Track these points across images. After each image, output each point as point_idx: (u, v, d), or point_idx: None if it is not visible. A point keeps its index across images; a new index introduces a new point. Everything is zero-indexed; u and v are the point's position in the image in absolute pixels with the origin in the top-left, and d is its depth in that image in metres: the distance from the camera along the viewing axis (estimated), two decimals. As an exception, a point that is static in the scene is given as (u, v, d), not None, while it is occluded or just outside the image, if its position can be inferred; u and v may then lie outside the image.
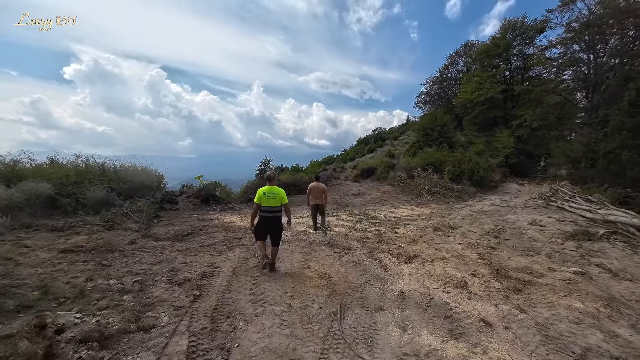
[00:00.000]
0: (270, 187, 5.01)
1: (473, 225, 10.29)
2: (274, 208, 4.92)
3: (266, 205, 4.87)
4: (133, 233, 6.71)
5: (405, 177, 17.44)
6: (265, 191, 4.92)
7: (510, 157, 19.49)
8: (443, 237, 8.21)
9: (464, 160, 17.29)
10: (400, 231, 8.58)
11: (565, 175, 18.88)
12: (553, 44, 19.21)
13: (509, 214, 12.64)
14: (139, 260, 4.98)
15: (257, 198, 4.93)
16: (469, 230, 9.39)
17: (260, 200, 4.88)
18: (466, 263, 5.74)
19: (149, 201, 8.36)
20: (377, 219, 10.60)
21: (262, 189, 4.99)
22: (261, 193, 4.92)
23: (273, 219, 4.93)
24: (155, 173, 11.90)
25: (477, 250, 6.97)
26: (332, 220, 9.83)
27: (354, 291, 4.24)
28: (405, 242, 7.36)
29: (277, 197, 4.94)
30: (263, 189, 4.98)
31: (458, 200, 15.16)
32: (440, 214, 12.20)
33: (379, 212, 12.12)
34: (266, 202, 4.86)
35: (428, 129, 20.88)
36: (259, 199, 4.91)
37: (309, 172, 26.09)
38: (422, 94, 28.42)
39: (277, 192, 4.98)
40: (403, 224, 9.69)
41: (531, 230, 9.72)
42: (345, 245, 6.59)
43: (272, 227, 4.94)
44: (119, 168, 9.59)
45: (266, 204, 4.87)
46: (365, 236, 7.65)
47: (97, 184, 8.18)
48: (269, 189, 4.96)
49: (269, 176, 5.25)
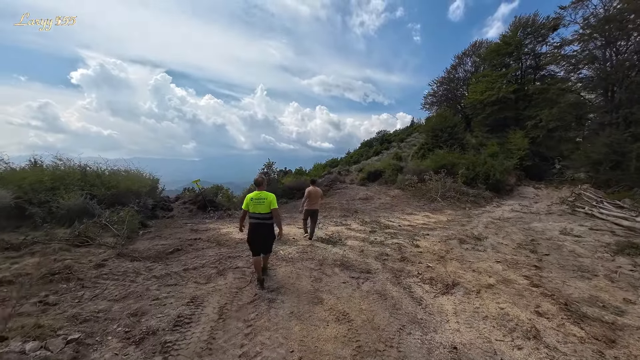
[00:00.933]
0: (259, 192, 4.54)
1: (500, 235, 8.95)
2: (263, 215, 4.44)
3: (254, 211, 4.43)
4: (107, 250, 5.44)
5: (416, 180, 16.09)
6: (253, 197, 4.46)
7: (525, 160, 18.06)
8: (473, 252, 6.88)
9: (478, 162, 15.91)
10: (422, 244, 7.27)
11: (584, 179, 17.43)
12: (570, 40, 17.84)
13: (534, 221, 11.27)
14: (99, 294, 3.71)
15: (245, 204, 4.53)
16: (498, 242, 8.05)
17: (248, 207, 4.46)
18: (520, 293, 4.39)
19: (133, 210, 7.10)
20: (391, 228, 9.28)
21: (250, 195, 4.53)
22: (248, 199, 4.47)
23: (262, 227, 4.46)
24: (148, 177, 10.68)
25: (521, 270, 5.63)
26: (341, 230, 8.52)
27: (388, 346, 2.92)
28: (432, 259, 6.04)
29: (266, 202, 4.43)
30: (250, 195, 4.51)
31: (474, 206, 13.79)
32: (459, 222, 10.87)
33: (391, 219, 10.80)
34: (254, 208, 4.42)
35: (437, 130, 19.54)
36: (246, 205, 4.50)
37: (312, 175, 24.89)
38: (429, 95, 27.12)
39: (266, 197, 4.47)
40: (422, 235, 8.36)
41: (567, 242, 8.38)
42: (362, 266, 5.27)
43: (262, 235, 4.48)
44: (103, 171, 8.36)
45: (254, 210, 4.42)
46: (383, 252, 6.34)
47: (74, 190, 6.95)
48: (256, 194, 4.49)
49: (257, 181, 4.70)
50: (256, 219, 4.42)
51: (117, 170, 9.09)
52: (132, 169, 11.00)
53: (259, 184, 4.60)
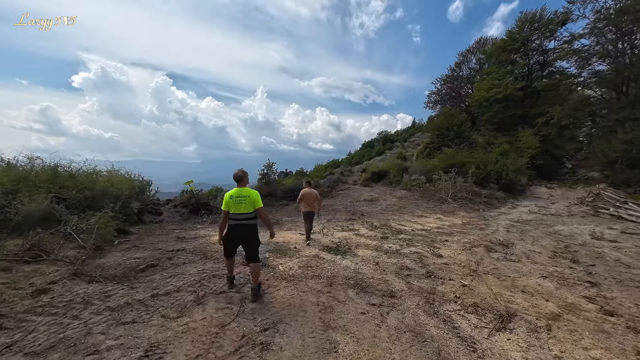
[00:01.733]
0: (239, 189, 3.77)
1: (527, 241, 7.78)
2: (245, 215, 3.72)
3: (235, 212, 3.70)
4: (64, 267, 4.26)
5: (424, 180, 14.90)
6: (233, 195, 3.73)
7: (536, 159, 16.87)
8: (507, 262, 5.70)
9: (489, 161, 14.73)
10: (445, 253, 6.08)
11: (599, 178, 16.25)
12: (581, 34, 16.71)
13: (557, 224, 10.09)
14: (18, 341, 2.52)
15: (224, 204, 3.78)
16: (529, 249, 6.87)
17: (229, 207, 3.72)
18: (600, 328, 3.20)
19: (107, 215, 5.91)
20: (404, 233, 8.10)
21: (229, 193, 3.78)
22: (228, 197, 3.75)
23: (244, 228, 3.73)
24: (138, 178, 9.51)
25: (577, 289, 4.44)
26: (350, 236, 7.33)
27: None
28: (464, 274, 4.85)
29: (248, 200, 3.70)
30: (230, 193, 3.77)
31: (488, 207, 12.59)
32: (476, 225, 9.69)
33: (402, 223, 9.61)
34: (235, 207, 3.68)
35: (443, 129, 18.37)
36: (226, 204, 3.75)
37: (314, 176, 23.73)
38: (433, 93, 25.99)
39: (248, 194, 3.75)
40: (441, 242, 7.18)
41: (606, 249, 7.21)
42: (382, 286, 4.08)
43: (243, 237, 3.75)
44: (78, 172, 7.16)
45: (235, 211, 3.69)
46: (403, 265, 5.15)
47: (39, 193, 5.77)
48: (237, 191, 3.74)
49: (236, 176, 3.86)
50: (237, 220, 3.69)
51: (97, 170, 7.90)
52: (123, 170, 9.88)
53: (240, 179, 3.80)
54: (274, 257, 5.21)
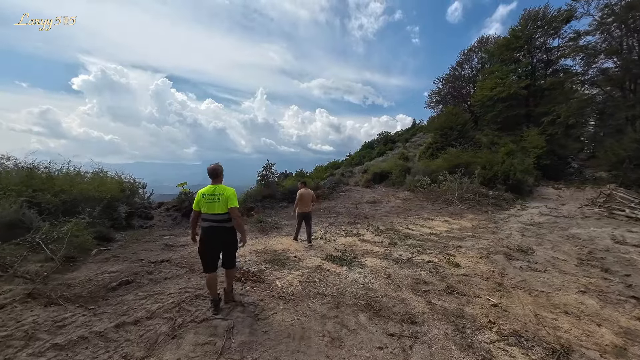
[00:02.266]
0: (214, 186, 3.28)
1: (546, 246, 7.09)
2: (219, 216, 3.21)
3: (208, 212, 3.21)
4: (22, 285, 3.54)
5: (429, 181, 14.20)
6: (205, 192, 3.23)
7: (542, 158, 16.18)
8: (533, 273, 5.00)
9: (496, 161, 14.04)
10: (461, 262, 5.38)
11: (608, 178, 15.56)
12: (588, 31, 16.09)
13: (572, 227, 9.39)
14: None
15: (195, 203, 3.29)
16: (551, 256, 6.18)
17: (201, 206, 3.23)
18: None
19: (83, 221, 5.19)
20: (412, 237, 7.40)
21: (202, 191, 3.28)
22: (199, 196, 3.25)
23: (219, 231, 3.23)
24: (122, 180, 8.80)
25: (624, 307, 3.75)
26: (355, 242, 6.62)
27: None
28: (489, 288, 4.14)
29: (221, 199, 3.19)
30: (202, 190, 3.28)
31: (496, 209, 11.88)
32: (487, 228, 8.99)
33: (409, 226, 8.91)
34: (207, 207, 3.20)
35: (446, 129, 17.68)
36: (197, 204, 3.27)
37: (314, 177, 23.04)
38: (434, 93, 25.31)
39: (221, 192, 3.23)
40: (453, 248, 6.48)
41: (634, 254, 6.54)
42: (399, 307, 3.36)
43: (220, 241, 3.27)
44: (56, 173, 6.44)
45: (208, 211, 3.20)
46: (418, 277, 4.44)
47: (7, 197, 5.06)
48: (210, 189, 3.25)
49: (212, 171, 3.33)
50: (210, 222, 3.18)
51: (82, 172, 7.18)
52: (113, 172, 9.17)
53: (216, 175, 3.29)
54: (271, 269, 4.50)
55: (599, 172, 16.86)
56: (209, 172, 3.33)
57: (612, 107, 15.45)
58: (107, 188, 6.76)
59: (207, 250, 3.21)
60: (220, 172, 3.34)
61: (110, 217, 7.28)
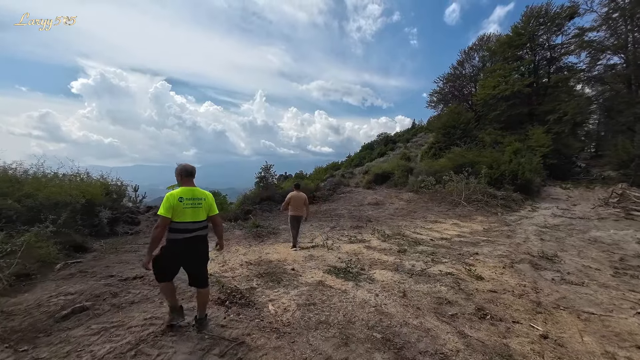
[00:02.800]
0: (192, 189, 2.57)
1: (570, 252, 6.39)
2: (202, 223, 2.58)
3: (189, 220, 2.46)
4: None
5: (433, 182, 13.44)
6: (184, 196, 2.47)
7: (549, 157, 15.43)
8: (570, 287, 4.24)
9: (503, 161, 13.29)
10: (485, 274, 4.61)
11: (617, 177, 14.82)
12: (593, 27, 15.42)
13: (591, 229, 8.64)
14: None
15: (167, 209, 2.39)
16: (582, 265, 5.44)
17: (175, 213, 2.41)
18: None
19: (47, 230, 4.41)
20: (422, 243, 6.64)
21: (177, 193, 2.47)
22: (175, 200, 2.42)
23: (197, 241, 2.54)
24: (108, 183, 8.03)
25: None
26: (360, 250, 5.85)
27: None
28: (527, 311, 3.38)
29: (204, 204, 2.59)
30: (178, 193, 2.48)
31: (506, 210, 11.12)
32: (500, 231, 8.25)
33: (417, 230, 8.15)
34: (189, 214, 2.46)
35: (450, 128, 16.95)
36: (170, 209, 2.39)
37: (313, 178, 22.30)
38: (435, 93, 24.60)
39: (203, 196, 2.61)
40: (471, 256, 5.71)
41: (671, 261, 5.76)
42: (424, 341, 2.59)
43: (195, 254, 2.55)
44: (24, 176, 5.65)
45: (188, 219, 2.45)
46: (439, 295, 3.67)
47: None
48: (188, 192, 2.52)
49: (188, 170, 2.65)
50: (190, 232, 2.49)
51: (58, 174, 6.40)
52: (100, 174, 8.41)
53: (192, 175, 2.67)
54: (264, 287, 3.72)
55: (607, 171, 16.13)
56: (184, 171, 2.64)
57: (621, 104, 14.74)
58: (85, 191, 5.97)
59: (174, 262, 2.54)
60: (195, 172, 2.69)
61: (91, 223, 6.51)
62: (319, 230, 8.08)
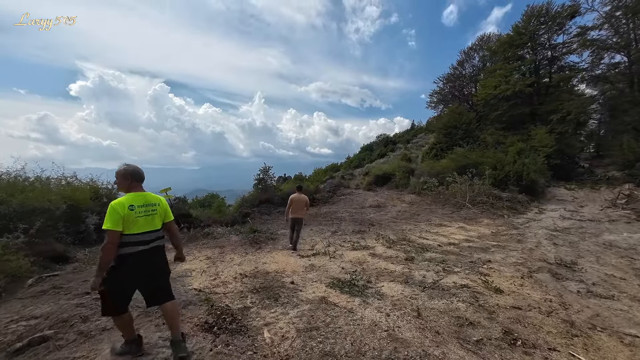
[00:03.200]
0: (141, 194, 2.16)
1: (588, 258, 5.92)
2: (156, 233, 2.19)
3: (144, 230, 2.08)
4: None
5: (436, 183, 13.00)
6: (135, 203, 2.06)
7: (552, 158, 15.02)
8: (600, 301, 3.79)
9: (507, 161, 12.87)
10: (504, 286, 4.16)
11: (622, 177, 14.42)
12: (595, 25, 15.08)
13: (603, 232, 8.21)
14: None
15: (115, 220, 1.94)
16: (605, 273, 4.98)
17: (126, 224, 1.99)
18: None
19: (17, 240, 3.92)
20: (430, 250, 6.17)
21: (125, 201, 2.03)
22: (125, 209, 1.99)
23: (155, 253, 2.17)
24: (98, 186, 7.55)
25: None
26: (365, 258, 5.37)
27: None
28: (560, 333, 2.92)
29: (159, 210, 2.21)
30: (127, 200, 2.04)
31: (512, 212, 10.68)
32: (509, 236, 7.80)
33: (422, 235, 7.69)
34: (142, 223, 2.07)
35: (451, 128, 16.54)
36: (120, 220, 1.95)
37: (313, 180, 21.83)
38: (435, 93, 24.21)
39: (156, 201, 2.21)
40: (483, 263, 5.25)
41: (697, 268, 5.32)
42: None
43: (154, 269, 2.18)
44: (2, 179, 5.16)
45: (144, 228, 2.08)
46: (457, 313, 3.21)
47: None
48: (140, 198, 2.11)
49: (139, 172, 2.20)
50: (146, 244, 2.10)
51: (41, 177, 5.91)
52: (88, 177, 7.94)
53: (142, 179, 2.24)
54: (259, 306, 3.24)
55: (611, 171, 15.74)
56: (133, 174, 2.19)
57: (625, 103, 14.37)
58: (68, 196, 5.48)
59: (129, 289, 2.13)
60: (143, 175, 2.28)
61: (76, 230, 6.02)
62: (319, 235, 7.61)
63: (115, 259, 2.00)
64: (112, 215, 1.95)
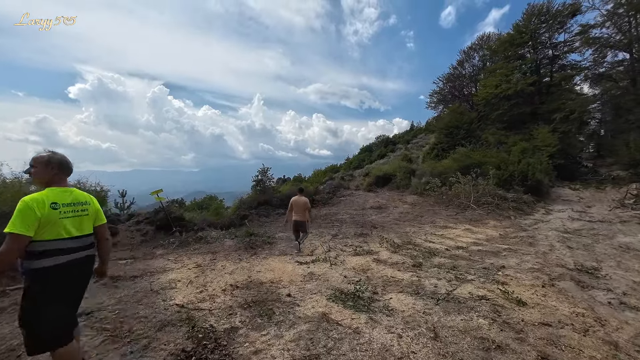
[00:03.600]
0: (67, 190, 1.70)
1: (607, 262, 5.45)
2: (87, 239, 1.77)
3: (72, 234, 1.64)
4: None
5: (439, 184, 12.53)
6: (59, 201, 1.61)
7: (556, 158, 14.59)
8: (636, 315, 3.30)
9: (511, 161, 12.43)
10: (525, 296, 3.68)
11: (628, 177, 13.99)
12: (596, 23, 14.71)
13: (617, 234, 7.74)
14: None
15: (28, 223, 1.44)
16: (631, 280, 4.49)
17: (46, 227, 1.52)
18: None
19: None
20: (438, 254, 5.69)
21: (46, 196, 1.56)
22: (46, 207, 1.53)
23: (87, 265, 1.75)
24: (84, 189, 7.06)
25: None
26: (369, 265, 4.89)
27: None
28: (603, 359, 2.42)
29: (90, 210, 1.80)
30: (49, 196, 1.57)
31: (519, 213, 10.21)
32: (519, 238, 7.32)
33: (428, 237, 7.21)
34: (71, 226, 1.63)
35: (452, 128, 16.11)
36: (34, 223, 1.47)
37: (313, 181, 21.35)
38: (435, 93, 23.81)
39: (86, 200, 1.80)
40: (498, 270, 4.77)
41: None
42: None
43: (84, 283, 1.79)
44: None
45: (72, 232, 1.64)
46: (480, 333, 2.72)
47: None
48: (65, 193, 1.67)
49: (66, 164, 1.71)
50: (74, 253, 1.63)
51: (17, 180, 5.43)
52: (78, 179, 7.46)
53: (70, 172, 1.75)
54: (249, 326, 2.74)
55: (616, 171, 15.31)
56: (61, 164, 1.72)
57: (630, 102, 13.97)
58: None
59: (62, 306, 1.64)
60: (71, 167, 1.80)
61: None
62: (319, 239, 7.12)
63: (29, 276, 1.50)
64: (24, 215, 1.46)
